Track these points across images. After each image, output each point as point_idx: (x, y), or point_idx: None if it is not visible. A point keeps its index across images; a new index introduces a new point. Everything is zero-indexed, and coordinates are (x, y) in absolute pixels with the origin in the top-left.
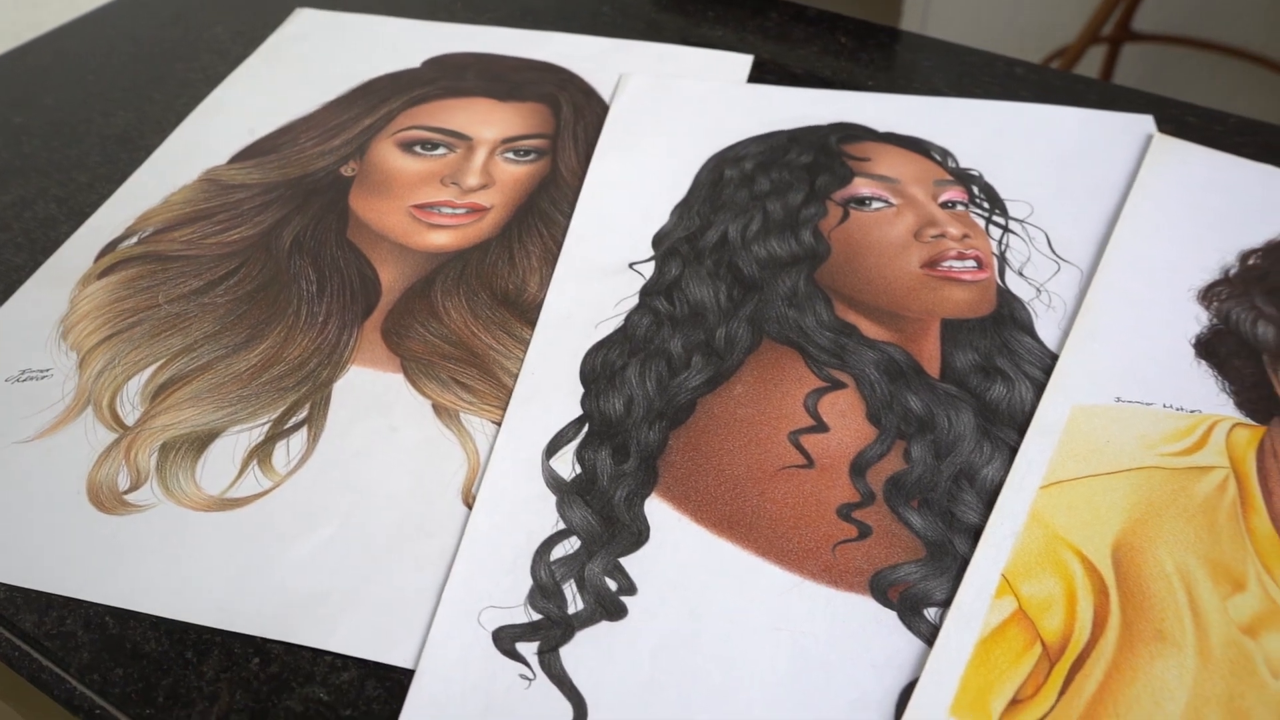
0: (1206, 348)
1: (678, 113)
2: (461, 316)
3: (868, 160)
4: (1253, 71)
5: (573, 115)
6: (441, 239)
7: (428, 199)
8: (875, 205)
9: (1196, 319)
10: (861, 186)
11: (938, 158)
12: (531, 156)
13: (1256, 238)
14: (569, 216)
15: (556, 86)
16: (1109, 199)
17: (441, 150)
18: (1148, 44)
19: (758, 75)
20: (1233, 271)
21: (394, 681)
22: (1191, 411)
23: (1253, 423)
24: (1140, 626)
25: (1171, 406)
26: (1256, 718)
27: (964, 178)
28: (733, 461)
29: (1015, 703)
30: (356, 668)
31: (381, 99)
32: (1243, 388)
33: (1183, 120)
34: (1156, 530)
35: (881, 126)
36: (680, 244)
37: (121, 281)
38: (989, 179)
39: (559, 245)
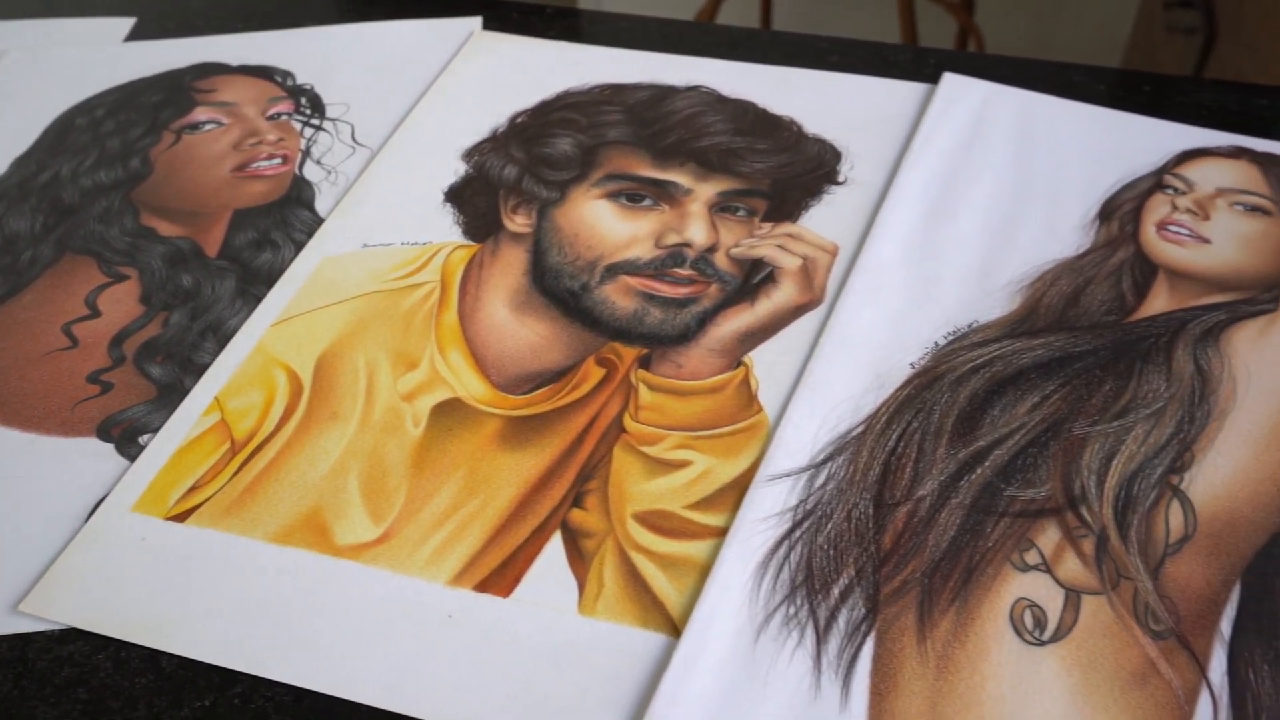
0: (454, 193)
1: (49, 81)
2: None
3: (213, 91)
4: None
5: None
6: None
7: None
8: (207, 127)
9: (455, 172)
10: (199, 114)
11: (279, 79)
12: None
13: (530, 101)
14: None
15: None
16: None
17: None
18: None
19: None
20: (500, 130)
21: None
22: (425, 244)
23: (472, 243)
24: (320, 412)
25: (410, 243)
26: (391, 458)
27: (296, 92)
28: (3, 356)
29: (193, 489)
30: None
31: None
32: (474, 218)
33: (508, 16)
34: (361, 339)
35: (240, 61)
36: (11, 189)
37: None
38: (322, 89)
39: None
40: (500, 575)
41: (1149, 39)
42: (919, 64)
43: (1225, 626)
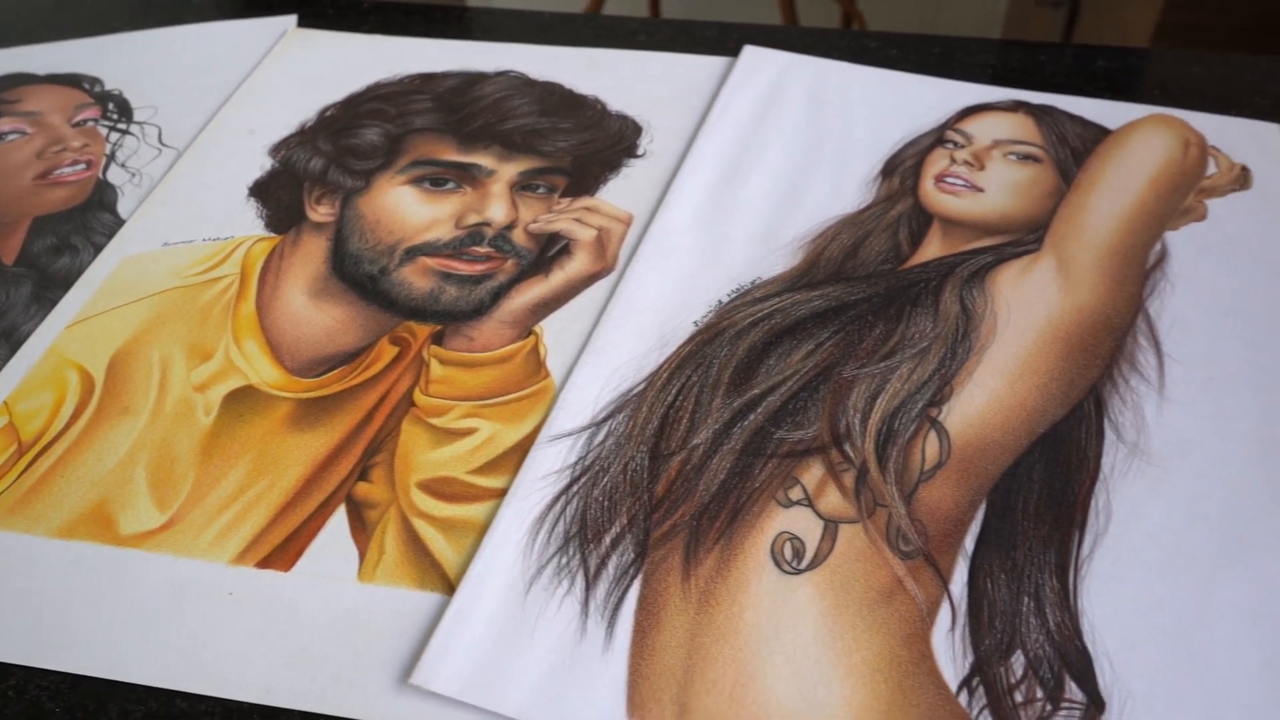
0: (259, 187)
1: None
2: None
3: (17, 101)
4: None
5: None
6: None
7: None
8: (10, 137)
9: (261, 168)
10: (3, 124)
11: (86, 86)
12: None
13: (340, 94)
14: None
15: None
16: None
17: None
18: None
19: None
20: (308, 124)
21: None
22: (227, 239)
23: (274, 235)
24: (111, 408)
25: (212, 239)
26: (180, 447)
27: (103, 98)
28: None
29: None
30: None
31: None
32: (277, 211)
33: (324, 14)
34: (157, 334)
35: (50, 71)
36: None
37: None
38: (132, 93)
39: None
40: (283, 551)
41: (1023, 13)
42: (724, 39)
43: (969, 542)
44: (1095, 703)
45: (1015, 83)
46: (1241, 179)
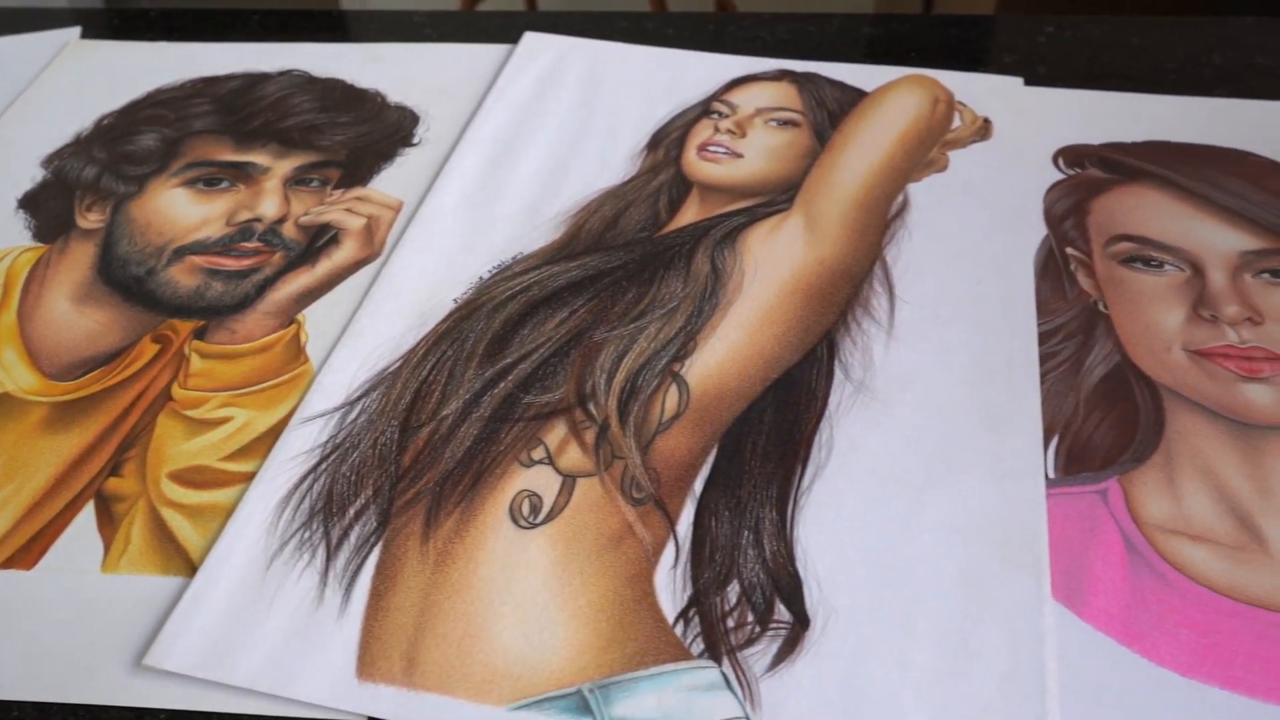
0: (29, 199)
1: None
2: None
3: None
4: None
5: None
6: None
7: None
8: None
9: (33, 179)
10: None
11: None
12: None
13: (119, 102)
14: None
15: None
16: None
17: None
18: None
19: None
20: (84, 134)
21: None
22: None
23: (42, 245)
24: None
25: None
26: None
27: None
28: None
29: None
30: None
31: None
32: (46, 221)
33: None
34: None
35: None
36: None
37: None
38: None
39: None
40: (26, 550)
41: None
42: (509, 27)
43: (698, 485)
44: (801, 621)
45: (786, 53)
46: (983, 130)
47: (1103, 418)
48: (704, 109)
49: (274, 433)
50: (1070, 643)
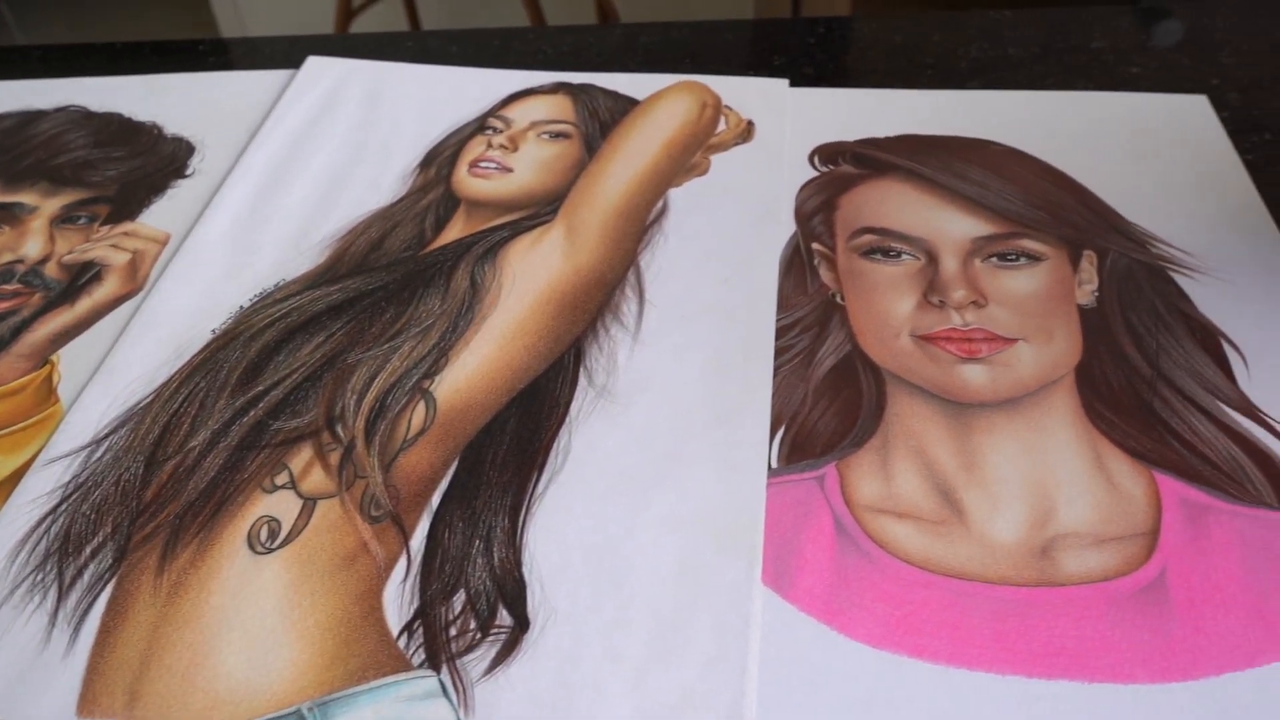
0: None
1: None
2: None
3: None
4: None
5: None
6: None
7: None
8: None
9: None
10: None
11: None
12: None
13: None
14: None
15: None
16: None
17: None
18: None
19: None
20: None
21: None
22: None
23: None
24: None
25: None
26: None
27: None
28: None
29: None
30: None
31: None
32: None
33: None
34: None
35: None
36: None
37: None
38: None
39: None
40: None
41: None
42: (293, 53)
43: (436, 498)
44: (521, 624)
45: (563, 66)
46: (746, 133)
47: (828, 406)
48: (479, 125)
49: (16, 477)
50: (775, 625)
